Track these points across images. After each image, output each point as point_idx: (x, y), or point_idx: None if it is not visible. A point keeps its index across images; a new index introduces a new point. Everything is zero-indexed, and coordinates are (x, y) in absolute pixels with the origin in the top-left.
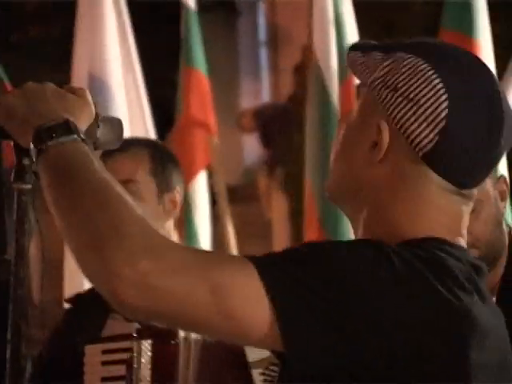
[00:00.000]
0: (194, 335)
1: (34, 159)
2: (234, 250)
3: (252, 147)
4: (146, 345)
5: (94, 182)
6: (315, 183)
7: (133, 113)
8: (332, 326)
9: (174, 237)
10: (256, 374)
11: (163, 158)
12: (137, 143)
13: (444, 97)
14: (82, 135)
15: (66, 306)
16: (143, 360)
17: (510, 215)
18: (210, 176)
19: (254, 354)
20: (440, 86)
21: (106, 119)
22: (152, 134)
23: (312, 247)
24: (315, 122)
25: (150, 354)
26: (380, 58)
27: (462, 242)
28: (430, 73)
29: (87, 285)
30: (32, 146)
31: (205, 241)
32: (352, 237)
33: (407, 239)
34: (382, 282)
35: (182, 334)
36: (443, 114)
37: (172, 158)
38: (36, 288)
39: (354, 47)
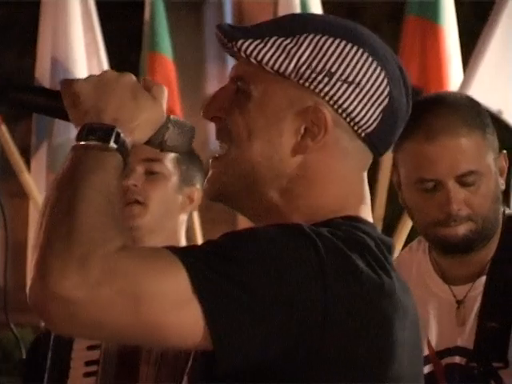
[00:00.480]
0: None
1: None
2: (198, 235)
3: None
4: None
5: (87, 192)
6: None
7: None
8: (259, 319)
9: (182, 232)
10: None
11: (190, 153)
12: None
13: (382, 74)
14: (124, 145)
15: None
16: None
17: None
18: None
19: None
20: (375, 64)
21: (178, 123)
22: None
23: (237, 239)
24: None
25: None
26: (291, 44)
27: (369, 212)
28: (360, 52)
29: None
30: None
31: None
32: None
33: (325, 219)
34: (308, 267)
35: None
36: (386, 93)
37: (197, 157)
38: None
39: (237, 34)
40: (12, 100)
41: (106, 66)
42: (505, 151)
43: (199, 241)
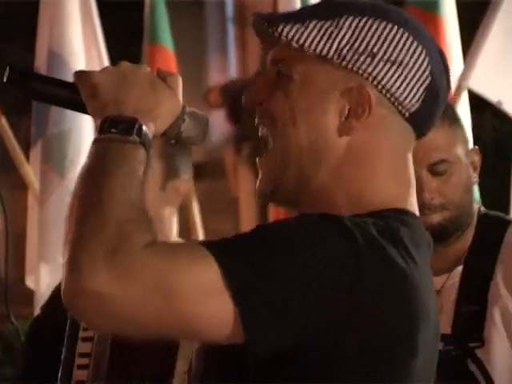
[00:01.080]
0: None
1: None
2: (199, 226)
3: (219, 123)
4: None
5: (108, 184)
6: None
7: None
8: (291, 309)
9: (170, 226)
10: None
11: (176, 144)
12: None
13: (424, 53)
14: (146, 138)
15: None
16: (105, 336)
17: (478, 194)
18: None
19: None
20: (416, 43)
21: (194, 114)
22: None
23: (269, 230)
24: None
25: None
26: (332, 27)
27: (414, 199)
28: (400, 32)
29: (44, 265)
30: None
31: None
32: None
33: (372, 211)
34: (345, 260)
35: None
36: (428, 72)
37: (188, 148)
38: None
39: (278, 19)
40: (29, 90)
41: (105, 58)
42: (477, 147)
43: (199, 232)
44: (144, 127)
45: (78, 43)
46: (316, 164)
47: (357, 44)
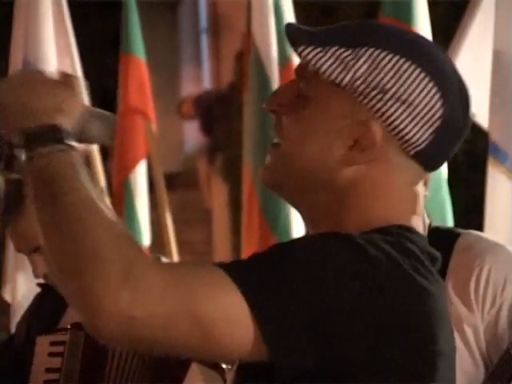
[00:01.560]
0: None
1: (21, 158)
2: (172, 236)
3: (192, 134)
4: (79, 337)
5: (77, 204)
6: (255, 171)
7: None
8: (315, 327)
9: None
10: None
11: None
12: None
13: (437, 96)
14: (71, 141)
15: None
16: (75, 352)
17: (450, 207)
18: (150, 163)
19: None
20: (431, 84)
21: (98, 114)
22: None
23: (285, 249)
24: (255, 108)
25: (81, 346)
26: (350, 56)
27: (421, 224)
28: (417, 71)
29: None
30: (20, 146)
31: (144, 228)
32: (293, 225)
33: (377, 227)
34: (361, 276)
35: None
36: (439, 114)
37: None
38: None
39: (301, 39)
40: None
41: (78, 67)
42: None
43: (172, 242)
44: (65, 128)
45: (52, 52)
46: (319, 186)
47: (370, 78)
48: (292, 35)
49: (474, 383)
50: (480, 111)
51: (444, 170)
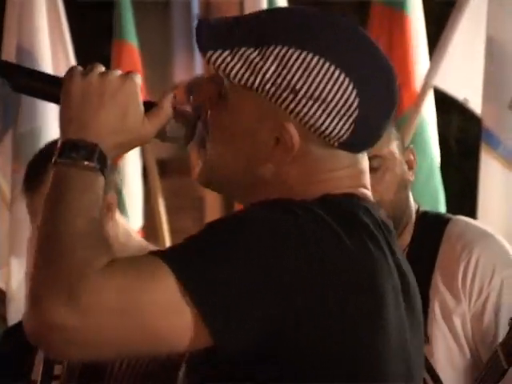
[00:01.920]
0: None
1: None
2: (165, 223)
3: None
4: None
5: (68, 216)
6: None
7: None
8: (251, 303)
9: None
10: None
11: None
12: None
13: (350, 87)
14: (105, 162)
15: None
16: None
17: (443, 195)
18: (143, 149)
19: None
20: (342, 76)
21: (181, 114)
22: None
23: (218, 227)
24: None
25: None
26: (258, 58)
27: (369, 194)
28: (326, 65)
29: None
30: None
31: (137, 214)
32: None
33: (319, 196)
34: (292, 244)
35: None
36: (355, 105)
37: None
38: None
39: (208, 44)
40: (15, 84)
41: (71, 53)
42: (412, 146)
43: (165, 230)
44: (104, 152)
45: (45, 39)
46: (246, 186)
47: (280, 80)
48: (200, 37)
49: (461, 372)
50: (473, 97)
51: (437, 156)
